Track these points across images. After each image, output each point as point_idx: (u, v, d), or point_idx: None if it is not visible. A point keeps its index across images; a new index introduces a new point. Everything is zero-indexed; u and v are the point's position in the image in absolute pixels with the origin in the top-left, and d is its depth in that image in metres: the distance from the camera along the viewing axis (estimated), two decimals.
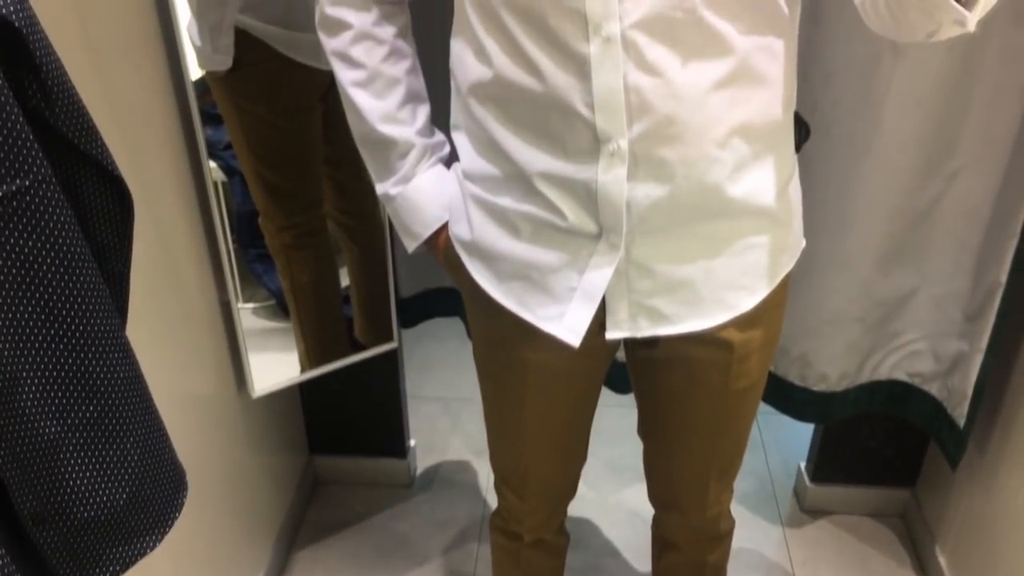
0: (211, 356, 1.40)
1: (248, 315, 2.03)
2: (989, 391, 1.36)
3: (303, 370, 1.68)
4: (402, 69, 0.92)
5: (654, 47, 0.74)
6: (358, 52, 0.90)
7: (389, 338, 1.74)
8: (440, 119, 0.97)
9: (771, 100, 0.80)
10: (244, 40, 1.42)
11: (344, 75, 0.91)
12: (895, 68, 1.14)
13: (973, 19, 0.58)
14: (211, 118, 1.57)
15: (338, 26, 0.90)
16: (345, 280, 1.86)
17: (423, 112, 0.94)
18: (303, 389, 1.85)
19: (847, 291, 1.32)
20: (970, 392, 1.32)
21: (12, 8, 0.67)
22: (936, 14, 0.58)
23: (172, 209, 1.23)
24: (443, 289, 1.69)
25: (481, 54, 0.81)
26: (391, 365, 1.77)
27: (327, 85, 1.48)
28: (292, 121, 1.56)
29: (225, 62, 1.42)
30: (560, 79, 0.76)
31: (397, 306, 1.73)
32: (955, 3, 0.57)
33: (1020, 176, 1.18)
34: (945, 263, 1.29)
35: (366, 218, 1.74)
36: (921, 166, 1.22)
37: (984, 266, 1.25)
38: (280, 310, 1.96)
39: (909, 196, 1.24)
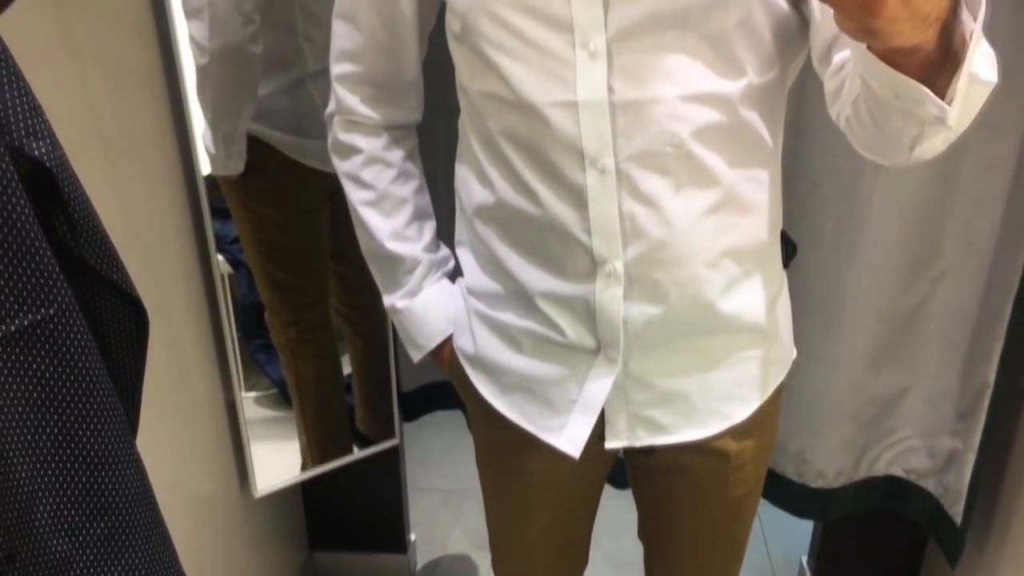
0: (214, 454, 1.41)
1: (250, 404, 2.04)
2: (985, 489, 1.37)
3: (305, 466, 1.69)
4: (410, 189, 0.97)
5: (647, 178, 0.78)
6: (368, 174, 0.95)
7: (391, 433, 1.75)
8: (442, 227, 1.01)
9: (758, 224, 0.85)
10: (255, 146, 1.48)
11: (355, 195, 0.96)
12: (877, 179, 1.19)
13: (952, 112, 0.58)
14: (219, 212, 1.62)
15: (350, 151, 0.95)
16: (347, 367, 1.88)
17: (429, 229, 0.99)
18: (304, 483, 1.86)
19: (840, 389, 1.35)
20: (965, 490, 1.33)
21: (45, 151, 0.71)
22: (917, 111, 0.59)
23: (179, 303, 1.26)
24: (444, 383, 1.71)
25: (484, 180, 0.86)
26: (392, 460, 1.78)
27: (334, 186, 1.54)
28: (300, 221, 1.61)
29: (237, 167, 1.48)
30: (558, 206, 0.81)
31: (399, 399, 1.75)
32: (932, 94, 0.57)
33: (1003, 279, 1.22)
34: (935, 363, 1.32)
35: (370, 311, 1.78)
36: (907, 269, 1.26)
37: (973, 366, 1.29)
38: (282, 399, 1.98)
39: (896, 298, 1.28)
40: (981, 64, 0.60)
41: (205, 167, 1.40)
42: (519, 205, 0.83)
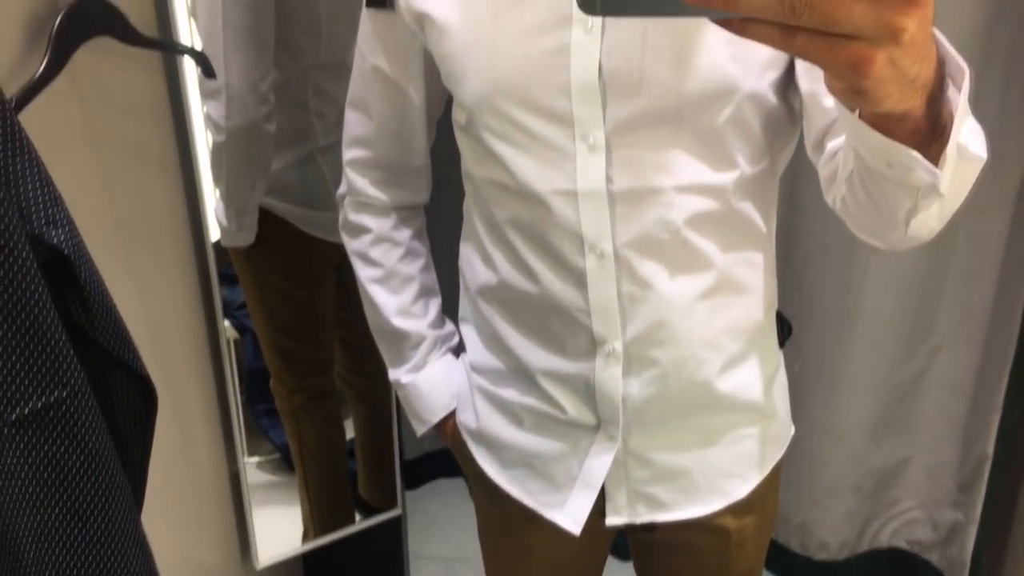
0: (217, 524, 1.41)
1: (253, 469, 2.04)
2: (988, 560, 1.37)
3: (307, 534, 1.69)
4: (417, 267, 1.00)
5: (644, 263, 0.81)
6: (377, 253, 0.98)
7: (393, 500, 1.75)
8: (447, 302, 1.04)
9: (754, 305, 0.87)
10: (266, 218, 1.52)
11: (363, 272, 0.99)
12: (871, 254, 1.22)
13: (944, 178, 0.58)
14: (226, 278, 1.65)
15: (360, 230, 0.98)
16: (350, 432, 1.89)
17: (435, 305, 1.02)
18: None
19: (842, 461, 1.35)
20: (968, 562, 1.33)
21: (64, 238, 0.74)
22: (909, 178, 0.59)
23: (185, 369, 1.28)
24: (447, 451, 1.71)
25: (487, 261, 0.89)
26: (394, 529, 1.78)
27: (341, 256, 1.57)
28: (308, 291, 1.64)
29: (248, 239, 1.51)
30: (559, 288, 0.84)
31: (402, 467, 1.75)
32: (923, 159, 0.57)
33: (998, 352, 1.24)
34: (934, 434, 1.33)
35: (374, 378, 1.79)
36: (903, 342, 1.28)
37: (972, 438, 1.29)
38: (285, 464, 1.98)
39: (894, 370, 1.30)
40: (970, 139, 0.61)
41: (214, 232, 1.43)
42: (521, 286, 0.86)
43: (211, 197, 1.39)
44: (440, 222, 1.11)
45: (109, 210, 1.02)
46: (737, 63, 0.76)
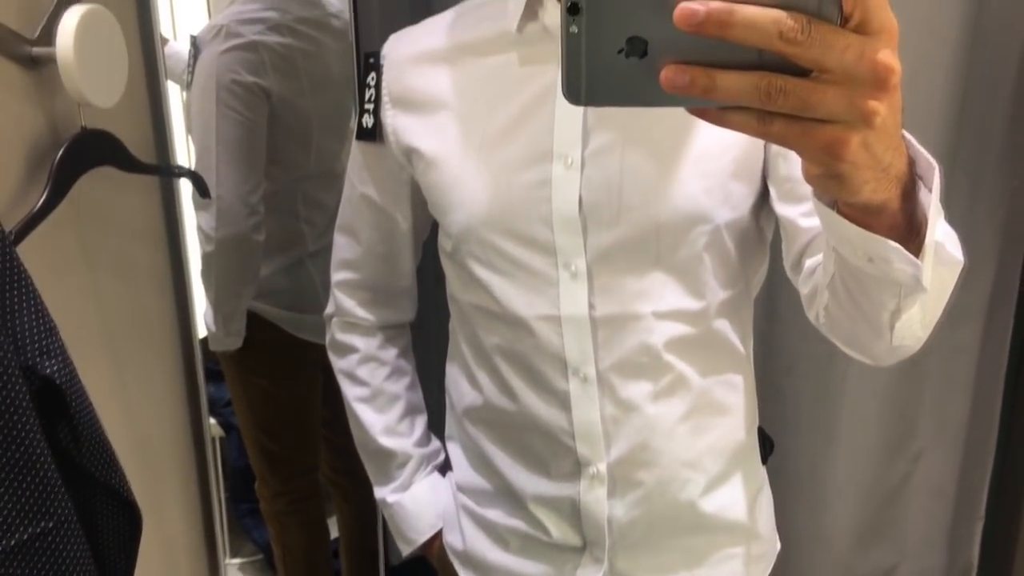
0: None
1: (235, 571, 2.00)
2: None
3: None
4: (402, 386, 1.01)
5: (626, 386, 0.83)
6: (363, 372, 1.00)
7: None
8: (433, 418, 1.05)
9: (735, 425, 0.89)
10: (254, 321, 1.54)
11: (350, 391, 1.00)
12: (849, 362, 1.24)
13: (925, 270, 0.58)
14: (212, 374, 1.66)
15: (347, 349, 1.00)
16: (334, 531, 1.86)
17: (420, 423, 1.03)
18: None
19: (829, 570, 1.35)
20: None
21: (57, 368, 0.76)
22: (891, 272, 0.59)
23: (168, 470, 1.26)
24: None
25: (473, 382, 0.91)
26: None
27: (328, 358, 1.58)
28: (295, 393, 1.65)
29: (236, 343, 1.53)
30: (544, 411, 0.85)
31: (387, 572, 1.72)
32: (903, 249, 0.57)
33: (978, 459, 1.26)
34: (920, 540, 1.33)
35: (359, 477, 1.77)
36: (885, 448, 1.30)
37: (956, 545, 1.30)
38: (268, 566, 1.94)
39: (878, 476, 1.31)
40: (946, 240, 0.63)
41: (201, 329, 1.45)
42: (506, 408, 0.88)
43: (201, 301, 1.41)
44: (427, 338, 1.13)
45: (101, 322, 1.03)
46: (709, 196, 0.80)
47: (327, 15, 1.45)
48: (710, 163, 0.80)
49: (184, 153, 1.37)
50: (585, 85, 0.43)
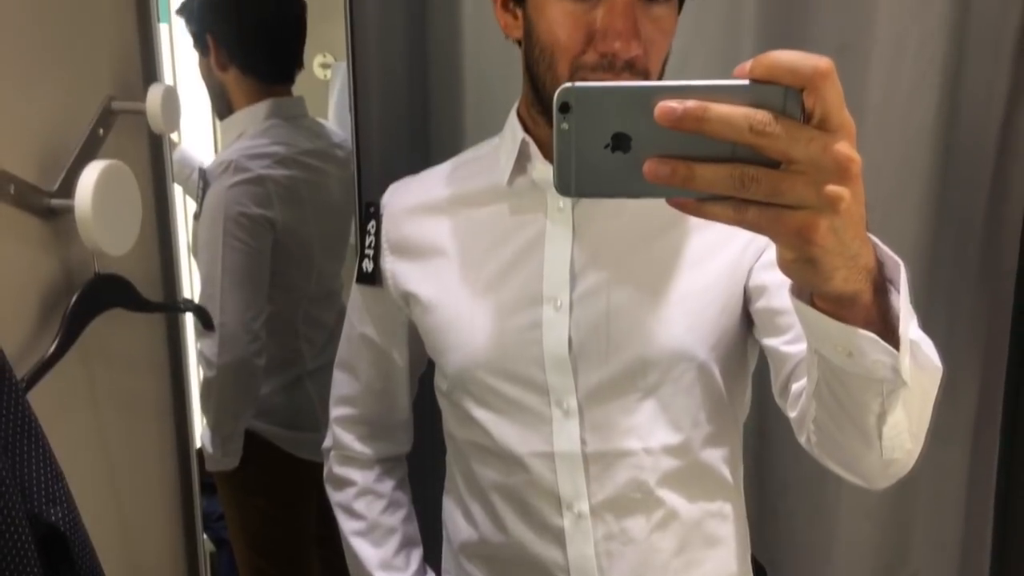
0: None
1: None
2: None
3: None
4: (398, 518, 1.03)
5: (619, 520, 0.85)
6: (360, 505, 1.01)
7: None
8: (428, 549, 1.05)
9: (727, 556, 0.90)
10: (251, 440, 1.55)
11: (347, 525, 1.02)
12: (841, 484, 1.25)
13: (904, 360, 0.58)
14: (205, 487, 1.65)
15: (345, 483, 1.02)
16: None
17: (416, 556, 1.04)
18: None
19: None
20: None
21: (62, 515, 0.78)
22: (871, 367, 0.59)
23: None
24: None
25: (468, 517, 0.93)
26: None
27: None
28: (289, 512, 1.64)
29: (232, 463, 1.53)
30: (539, 547, 0.87)
31: None
32: (880, 339, 0.57)
33: None
34: None
35: None
36: (881, 570, 1.30)
37: None
38: None
39: None
40: (923, 344, 0.65)
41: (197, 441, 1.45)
42: (501, 543, 0.89)
43: (199, 423, 1.43)
44: (423, 469, 1.15)
45: (104, 455, 1.05)
46: (693, 333, 0.84)
47: (331, 145, 1.52)
48: (694, 301, 0.84)
49: (186, 267, 1.40)
50: (575, 178, 0.47)
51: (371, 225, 0.93)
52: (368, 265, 0.93)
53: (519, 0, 0.82)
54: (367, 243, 0.93)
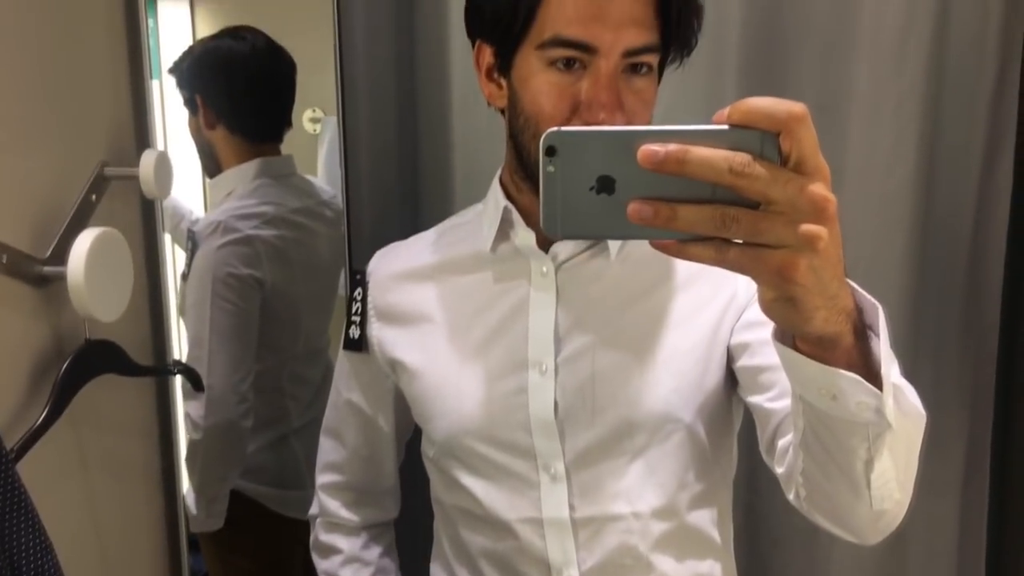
0: None
1: None
2: None
3: None
4: None
5: None
6: (347, 574, 1.00)
7: None
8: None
9: None
10: (237, 500, 1.52)
11: None
12: (833, 538, 1.25)
13: (887, 400, 0.58)
14: (190, 545, 1.62)
15: (331, 551, 1.01)
16: None
17: None
18: None
19: None
20: None
21: None
22: (855, 409, 0.58)
23: None
24: None
25: None
26: None
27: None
28: (275, 571, 1.61)
29: (217, 524, 1.51)
30: None
31: None
32: (863, 379, 0.57)
33: None
34: None
35: None
36: None
37: None
38: None
39: None
40: (906, 389, 0.64)
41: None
42: None
43: (185, 481, 1.41)
44: (411, 535, 1.14)
45: (92, 520, 1.03)
46: (679, 394, 0.84)
47: (320, 203, 1.53)
48: (678, 362, 0.85)
49: (175, 328, 1.40)
50: (561, 219, 0.49)
51: (357, 292, 0.94)
52: (355, 332, 0.93)
53: (504, 71, 0.83)
54: (354, 310, 0.94)
